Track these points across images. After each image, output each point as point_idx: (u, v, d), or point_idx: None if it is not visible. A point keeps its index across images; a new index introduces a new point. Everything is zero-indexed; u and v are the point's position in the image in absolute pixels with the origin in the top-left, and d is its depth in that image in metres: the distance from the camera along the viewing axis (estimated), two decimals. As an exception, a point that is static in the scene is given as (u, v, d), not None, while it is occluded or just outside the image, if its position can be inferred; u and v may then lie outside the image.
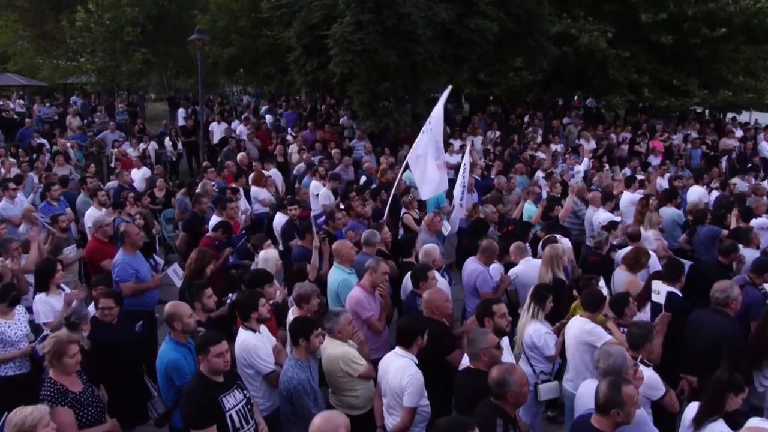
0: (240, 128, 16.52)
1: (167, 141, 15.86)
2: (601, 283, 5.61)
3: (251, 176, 11.00)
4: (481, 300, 5.95)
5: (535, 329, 4.91)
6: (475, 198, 9.98)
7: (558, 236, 6.70)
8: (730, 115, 22.85)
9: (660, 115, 20.45)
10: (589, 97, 22.68)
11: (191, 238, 7.66)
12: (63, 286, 5.74)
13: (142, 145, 15.03)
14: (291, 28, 16.26)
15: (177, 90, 32.01)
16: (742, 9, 17.56)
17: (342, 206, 8.67)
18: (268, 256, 5.96)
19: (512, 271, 6.22)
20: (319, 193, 9.93)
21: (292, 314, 5.20)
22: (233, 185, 10.15)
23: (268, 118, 18.78)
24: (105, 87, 22.35)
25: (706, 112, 23.63)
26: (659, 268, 6.76)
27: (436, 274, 5.67)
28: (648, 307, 5.43)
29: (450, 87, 8.99)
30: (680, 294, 5.26)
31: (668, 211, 9.06)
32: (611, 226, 7.47)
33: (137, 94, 26.06)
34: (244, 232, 8.27)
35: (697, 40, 17.76)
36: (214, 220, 7.83)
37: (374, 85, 14.61)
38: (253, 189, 10.47)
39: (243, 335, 4.51)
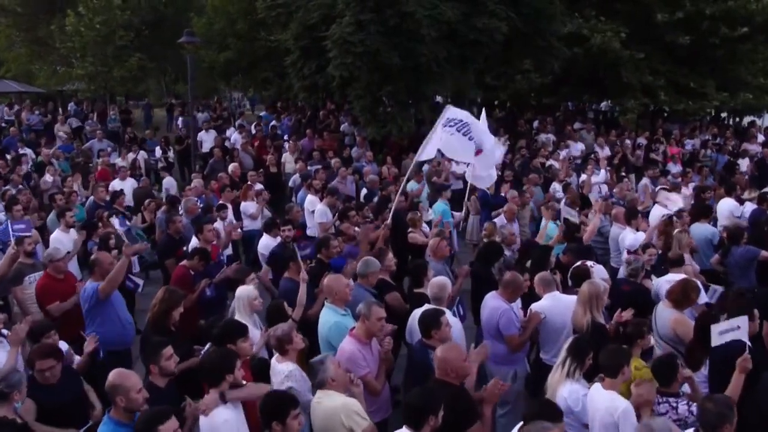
0: (234, 136, 15.68)
1: (157, 150, 15.04)
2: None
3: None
4: (505, 343, 5.07)
5: (571, 391, 4.01)
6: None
7: (590, 264, 5.76)
8: (747, 119, 21.89)
9: (676, 119, 19.54)
10: (602, 101, 21.77)
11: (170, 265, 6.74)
12: (4, 331, 4.83)
13: (131, 155, 14.21)
14: (288, 29, 15.45)
15: (177, 95, 31.26)
16: (765, 6, 16.66)
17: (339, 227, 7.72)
18: (240, 294, 5.04)
19: (536, 307, 5.29)
20: (315, 209, 8.99)
21: (275, 362, 4.31)
22: (220, 201, 9.26)
23: (263, 124, 17.91)
24: (96, 94, 21.51)
25: (721, 115, 22.69)
26: (706, 299, 5.92)
27: (449, 316, 4.78)
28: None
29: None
30: (748, 342, 4.31)
31: (701, 228, 8.13)
32: (646, 248, 6.55)
33: (142, 102, 25.32)
34: (227, 256, 7.38)
35: (716, 40, 16.89)
36: (195, 242, 6.94)
37: (376, 88, 13.80)
38: (242, 204, 9.60)
39: (209, 408, 3.60)
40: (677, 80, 17.69)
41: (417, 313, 5.02)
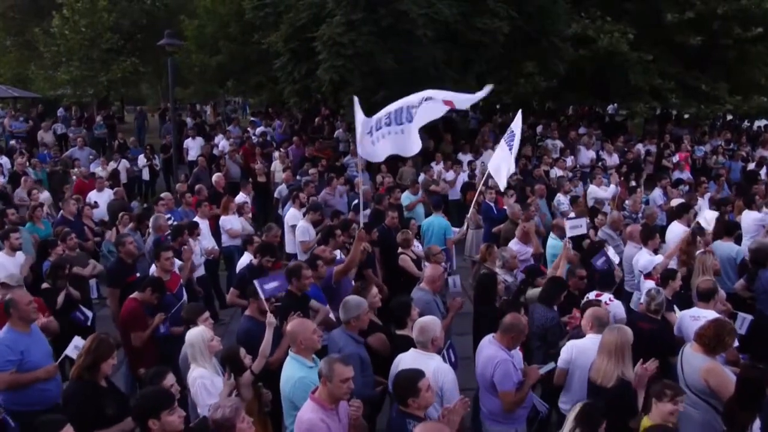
0: (222, 143, 14.92)
1: (141, 158, 14.30)
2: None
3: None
4: (499, 398, 4.24)
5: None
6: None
7: (606, 298, 4.92)
8: (759, 123, 21.04)
9: (685, 124, 18.70)
10: (609, 105, 20.93)
11: (121, 294, 5.93)
12: None
13: (111, 164, 13.45)
14: (278, 31, 14.68)
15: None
16: (781, 5, 15.85)
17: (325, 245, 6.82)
18: (193, 340, 4.22)
19: (578, 344, 4.45)
20: (297, 225, 8.14)
21: None
22: (196, 217, 8.45)
23: (251, 131, 17.16)
24: (80, 99, 20.80)
25: (728, 117, 21.81)
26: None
27: (438, 363, 3.99)
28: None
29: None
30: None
31: (723, 247, 7.31)
32: (670, 275, 5.71)
33: (138, 108, 24.64)
34: (198, 278, 6.59)
35: (729, 41, 16.08)
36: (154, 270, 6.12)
37: (370, 93, 12.94)
38: (222, 218, 8.81)
39: None
40: (687, 83, 16.88)
41: (400, 360, 4.23)
